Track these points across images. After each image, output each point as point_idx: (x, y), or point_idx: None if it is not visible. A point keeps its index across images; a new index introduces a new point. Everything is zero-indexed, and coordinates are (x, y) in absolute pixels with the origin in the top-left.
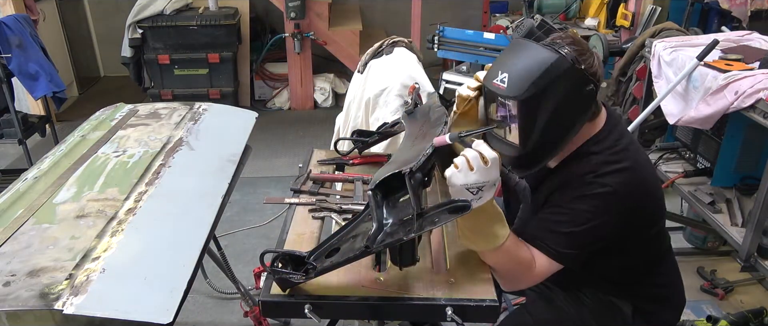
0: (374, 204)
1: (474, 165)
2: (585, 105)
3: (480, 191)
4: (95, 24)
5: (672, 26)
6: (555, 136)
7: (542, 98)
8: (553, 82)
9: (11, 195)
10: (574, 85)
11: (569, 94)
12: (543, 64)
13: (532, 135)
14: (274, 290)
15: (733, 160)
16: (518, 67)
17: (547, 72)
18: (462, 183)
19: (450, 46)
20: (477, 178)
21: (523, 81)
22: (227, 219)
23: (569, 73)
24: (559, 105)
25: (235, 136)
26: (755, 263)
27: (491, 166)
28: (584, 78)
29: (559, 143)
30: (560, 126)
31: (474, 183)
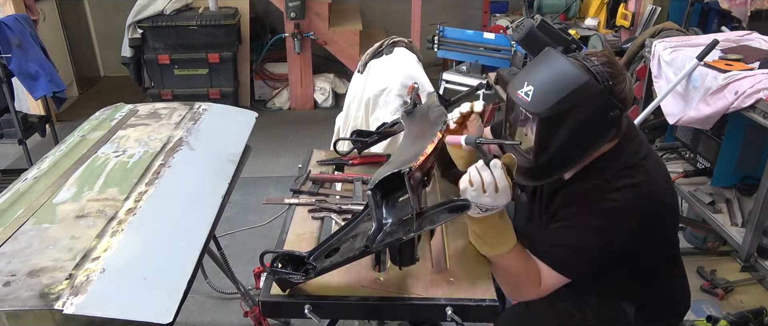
0: (373, 204)
1: (487, 190)
2: (607, 128)
3: (488, 211)
4: (95, 24)
5: (672, 26)
6: (570, 154)
7: (564, 118)
8: (578, 104)
9: (11, 195)
10: (599, 109)
11: (592, 117)
12: (571, 84)
13: (547, 151)
14: (274, 290)
15: (733, 160)
16: (545, 82)
17: (575, 93)
18: (473, 201)
19: (450, 46)
20: (487, 202)
21: (548, 98)
22: (227, 219)
23: (597, 97)
24: (581, 126)
25: (235, 136)
26: (755, 263)
27: (501, 194)
28: (611, 103)
29: (573, 161)
30: (578, 146)
31: (483, 204)
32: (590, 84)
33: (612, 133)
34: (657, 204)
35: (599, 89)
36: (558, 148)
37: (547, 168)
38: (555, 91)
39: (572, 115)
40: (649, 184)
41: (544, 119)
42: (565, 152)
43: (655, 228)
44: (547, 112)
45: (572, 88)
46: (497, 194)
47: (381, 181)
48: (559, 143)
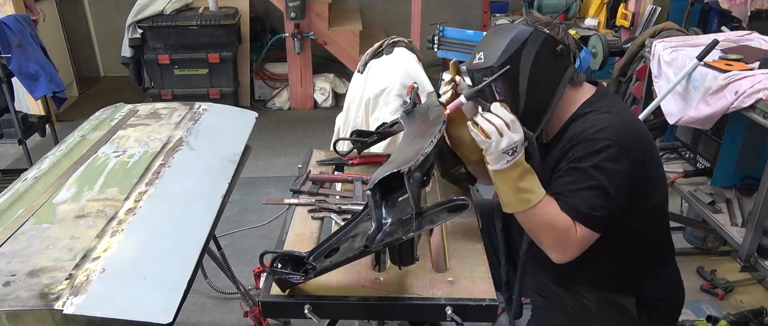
0: (373, 204)
1: (503, 130)
2: (562, 64)
3: (514, 151)
4: (95, 24)
5: (672, 26)
6: (541, 96)
7: (516, 61)
8: (522, 47)
9: (11, 195)
10: (543, 47)
11: (541, 54)
12: (509, 34)
13: (520, 98)
14: (274, 290)
15: (733, 159)
16: (490, 44)
17: (514, 39)
18: (500, 149)
19: (450, 46)
20: (509, 141)
21: (495, 51)
22: (227, 219)
23: (535, 37)
24: (535, 64)
25: (235, 136)
26: (755, 263)
27: (514, 127)
28: (551, 39)
29: (548, 103)
30: (543, 85)
31: (508, 145)
32: (524, 29)
33: (570, 71)
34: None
35: (533, 30)
36: (526, 91)
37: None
38: (499, 44)
39: (522, 55)
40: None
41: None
42: (534, 93)
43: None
44: (498, 60)
45: (512, 35)
46: (512, 130)
47: (380, 181)
48: (524, 86)
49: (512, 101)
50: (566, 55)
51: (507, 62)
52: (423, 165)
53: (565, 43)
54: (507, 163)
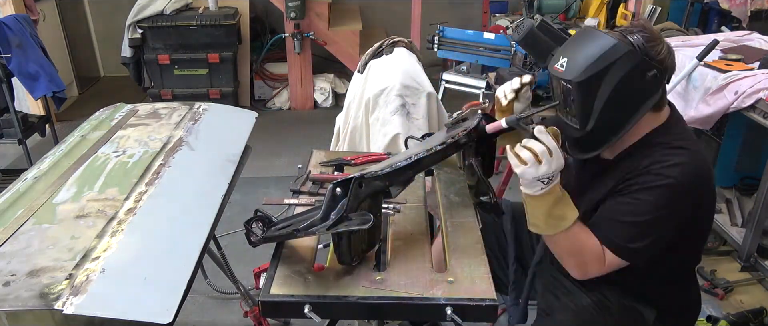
0: (329, 197)
1: (542, 158)
2: (648, 90)
3: (550, 180)
4: (95, 24)
5: (672, 26)
6: (615, 120)
7: (599, 81)
8: (610, 66)
9: (11, 195)
10: (634, 69)
11: (628, 78)
12: (602, 47)
13: (591, 117)
14: (274, 290)
15: (733, 160)
16: (578, 52)
17: (604, 56)
18: (534, 177)
19: (450, 46)
20: (546, 170)
21: (581, 63)
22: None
23: (628, 57)
24: (618, 88)
25: (235, 136)
26: (755, 263)
27: (555, 157)
28: (645, 63)
29: (620, 127)
30: (621, 109)
31: (544, 174)
32: (619, 45)
33: (655, 97)
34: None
35: (629, 49)
36: (601, 112)
37: (596, 137)
38: (586, 56)
39: (607, 76)
40: (699, 161)
41: (579, 84)
42: (609, 116)
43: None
44: (580, 76)
45: (602, 51)
46: (552, 158)
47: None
48: (600, 106)
49: (581, 117)
50: (656, 81)
51: (590, 80)
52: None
53: (660, 67)
54: (540, 191)
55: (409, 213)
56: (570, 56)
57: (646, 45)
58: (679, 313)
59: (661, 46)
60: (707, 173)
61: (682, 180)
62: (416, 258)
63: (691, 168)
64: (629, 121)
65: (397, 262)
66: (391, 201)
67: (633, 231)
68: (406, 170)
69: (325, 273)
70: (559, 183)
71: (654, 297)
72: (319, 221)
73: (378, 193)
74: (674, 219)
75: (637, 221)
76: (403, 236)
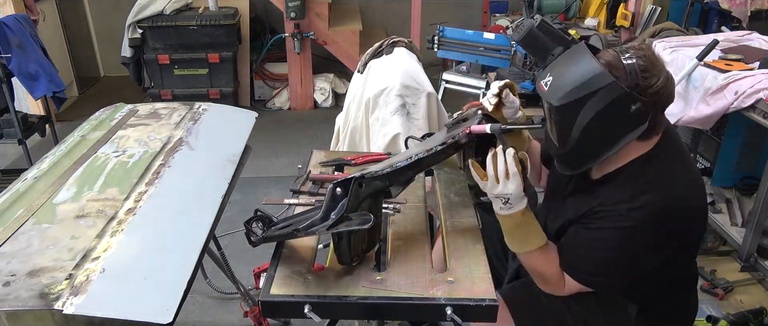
0: (329, 197)
1: (501, 178)
2: (632, 123)
3: (509, 203)
4: (95, 24)
5: (672, 26)
6: (595, 147)
7: (579, 108)
8: (591, 95)
9: (11, 195)
10: (616, 102)
11: (610, 109)
12: (585, 75)
13: (569, 140)
14: (274, 290)
15: (733, 160)
16: (563, 73)
17: (586, 84)
18: (492, 194)
19: (450, 46)
20: (501, 190)
21: (562, 87)
22: (227, 219)
23: (610, 89)
24: (598, 118)
25: (235, 136)
26: (755, 263)
27: (512, 180)
28: (628, 98)
29: (600, 154)
30: (601, 139)
31: (500, 193)
32: (603, 75)
33: (640, 128)
34: (684, 216)
35: (613, 82)
36: (579, 138)
37: (576, 158)
38: (569, 81)
39: (586, 106)
40: (676, 198)
41: (558, 108)
42: (589, 143)
43: (683, 239)
44: (559, 102)
45: (585, 79)
46: (508, 181)
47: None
48: (578, 133)
49: (560, 138)
50: (642, 114)
51: (568, 106)
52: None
53: (647, 100)
54: (501, 210)
55: (409, 213)
56: (555, 76)
57: (640, 75)
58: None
59: (657, 78)
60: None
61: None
62: (416, 258)
63: (664, 204)
64: (609, 150)
65: (397, 262)
66: (391, 201)
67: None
68: (407, 170)
69: (325, 273)
70: (523, 210)
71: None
72: (319, 221)
73: (378, 193)
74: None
75: (600, 258)
76: (403, 236)
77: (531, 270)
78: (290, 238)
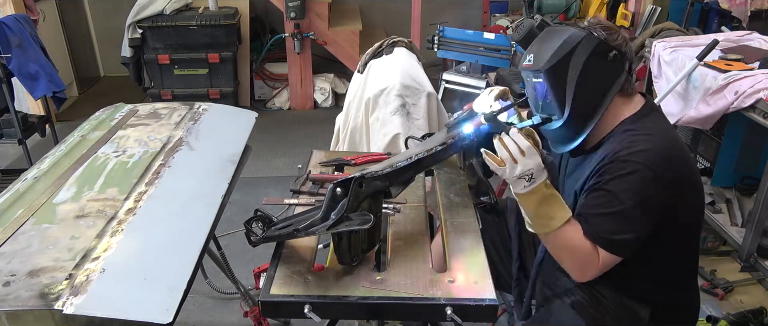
0: (329, 197)
1: (517, 157)
2: (613, 72)
3: (532, 178)
4: (95, 24)
5: (672, 26)
6: (589, 102)
7: (566, 65)
8: (573, 50)
9: (11, 195)
10: (595, 51)
11: (591, 60)
12: (562, 36)
13: (566, 102)
14: (274, 290)
15: (733, 160)
16: (542, 46)
17: (566, 43)
18: (514, 175)
19: (450, 46)
20: (522, 168)
21: (545, 54)
22: (227, 219)
23: (587, 41)
24: (584, 70)
25: (235, 136)
26: (755, 263)
27: (529, 154)
28: (605, 45)
29: (595, 110)
30: (591, 91)
31: (522, 172)
32: (577, 32)
33: (621, 78)
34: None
35: (586, 34)
36: (573, 96)
37: (573, 126)
38: (550, 47)
39: (572, 60)
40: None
41: (547, 72)
42: (581, 99)
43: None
44: (547, 64)
45: (563, 39)
46: (526, 157)
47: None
48: (572, 90)
49: (557, 105)
50: (619, 62)
51: (556, 66)
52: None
53: (620, 50)
54: (524, 189)
55: (409, 213)
56: (535, 51)
57: (604, 32)
58: (675, 314)
59: (617, 34)
60: (678, 158)
61: (648, 164)
62: (416, 259)
63: (657, 152)
64: (601, 104)
65: (397, 262)
66: (391, 201)
67: (614, 223)
68: (407, 170)
69: (325, 273)
70: (544, 182)
71: (650, 297)
72: (319, 221)
73: (378, 193)
74: (650, 204)
75: (614, 212)
76: (403, 236)
77: (563, 252)
78: (290, 238)
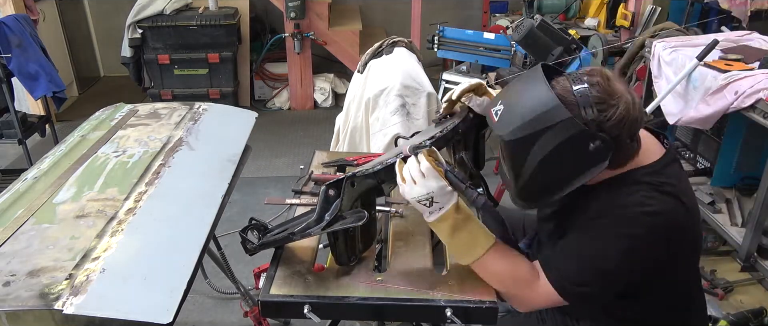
0: (322, 199)
1: (416, 178)
2: (591, 161)
3: (433, 202)
4: (95, 24)
5: (672, 26)
6: (550, 184)
7: (529, 145)
8: (544, 131)
9: (11, 195)
10: (573, 140)
11: (565, 148)
12: (537, 108)
13: (521, 177)
14: (274, 290)
15: (733, 160)
16: (515, 103)
17: (539, 119)
18: (411, 197)
19: (450, 46)
20: (420, 191)
21: (512, 120)
22: (227, 219)
23: (566, 126)
24: (552, 156)
25: (235, 136)
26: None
27: (428, 178)
28: (589, 134)
29: (557, 191)
30: (556, 177)
31: (420, 195)
32: (558, 110)
33: (600, 166)
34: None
35: (569, 118)
36: (532, 175)
37: (530, 195)
38: (520, 113)
39: (539, 142)
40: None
41: (507, 143)
42: (543, 181)
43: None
44: (509, 136)
45: (537, 113)
46: (424, 179)
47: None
48: (531, 171)
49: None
50: (602, 151)
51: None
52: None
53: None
54: (431, 216)
55: (410, 214)
56: (506, 105)
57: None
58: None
59: (616, 107)
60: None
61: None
62: (417, 260)
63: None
64: (564, 188)
65: (397, 263)
66: (392, 202)
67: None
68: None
69: (325, 273)
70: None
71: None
72: (314, 223)
73: (371, 191)
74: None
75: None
76: (403, 237)
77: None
78: (287, 242)
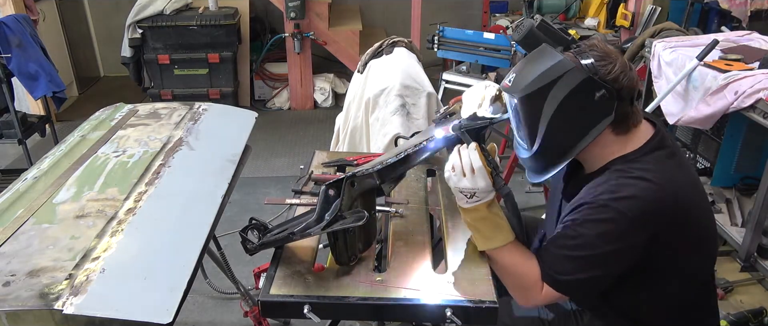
0: (322, 198)
1: (467, 172)
2: (597, 111)
3: (474, 196)
4: (95, 24)
5: (672, 26)
6: (564, 141)
7: (543, 97)
8: (554, 82)
9: (11, 195)
10: (579, 88)
11: (573, 96)
12: (545, 63)
13: (537, 135)
14: (274, 290)
15: (733, 160)
16: (525, 68)
17: (548, 72)
18: (454, 186)
19: (450, 46)
20: (466, 185)
21: (525, 79)
22: (227, 219)
23: (572, 75)
24: (564, 107)
25: (235, 136)
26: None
27: (477, 176)
28: (590, 82)
29: (569, 149)
30: (569, 130)
31: (464, 188)
32: (564, 62)
33: (607, 119)
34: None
35: (572, 68)
36: (547, 130)
37: (544, 158)
38: (531, 72)
39: (551, 94)
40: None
41: (522, 99)
42: (556, 137)
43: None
44: (522, 92)
45: (546, 67)
46: (473, 176)
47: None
48: (545, 124)
49: (528, 135)
50: (607, 102)
51: (532, 96)
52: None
53: (611, 88)
54: (467, 204)
55: (410, 214)
56: (517, 72)
57: (596, 64)
58: None
59: (613, 65)
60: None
61: (630, 215)
62: (417, 260)
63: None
64: (576, 145)
65: (397, 263)
66: (392, 202)
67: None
68: (397, 166)
69: (325, 273)
70: (489, 203)
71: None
72: (314, 223)
73: (371, 191)
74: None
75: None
76: (403, 237)
77: (505, 273)
78: (286, 242)
